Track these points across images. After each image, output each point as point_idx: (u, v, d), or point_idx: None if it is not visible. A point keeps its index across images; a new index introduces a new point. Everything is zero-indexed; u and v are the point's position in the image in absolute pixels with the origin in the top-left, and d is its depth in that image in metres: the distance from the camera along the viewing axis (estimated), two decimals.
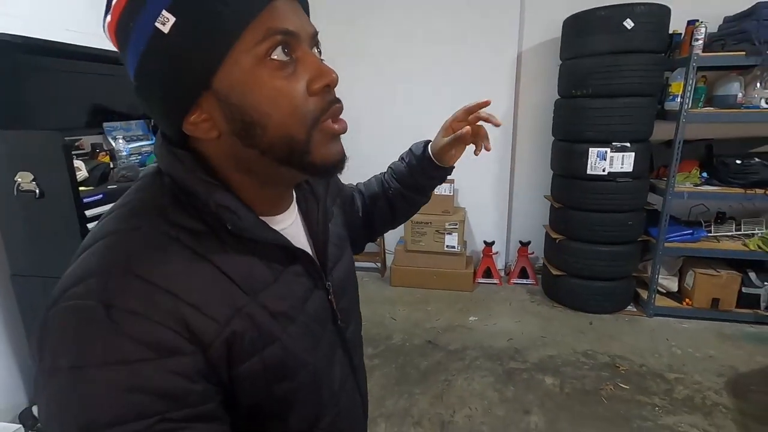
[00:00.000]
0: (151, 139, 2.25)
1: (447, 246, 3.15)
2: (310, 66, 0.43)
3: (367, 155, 3.35)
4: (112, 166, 1.93)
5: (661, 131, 2.68)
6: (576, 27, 2.59)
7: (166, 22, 0.37)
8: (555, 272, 2.93)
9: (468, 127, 0.75)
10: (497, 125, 0.76)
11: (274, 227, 0.48)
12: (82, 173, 1.68)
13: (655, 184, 2.77)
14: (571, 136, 2.72)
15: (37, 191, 1.47)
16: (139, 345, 0.36)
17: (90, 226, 1.55)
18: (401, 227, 3.22)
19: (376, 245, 3.55)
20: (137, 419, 0.36)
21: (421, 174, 0.80)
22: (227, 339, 0.41)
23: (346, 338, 0.60)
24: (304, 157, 0.44)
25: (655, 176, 2.88)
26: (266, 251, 0.47)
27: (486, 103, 0.76)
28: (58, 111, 1.82)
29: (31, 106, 1.67)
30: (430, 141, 0.81)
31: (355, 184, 0.87)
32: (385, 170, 0.85)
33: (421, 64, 3.20)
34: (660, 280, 2.80)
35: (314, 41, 0.46)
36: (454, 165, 0.82)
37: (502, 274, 3.47)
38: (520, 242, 3.34)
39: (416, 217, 3.15)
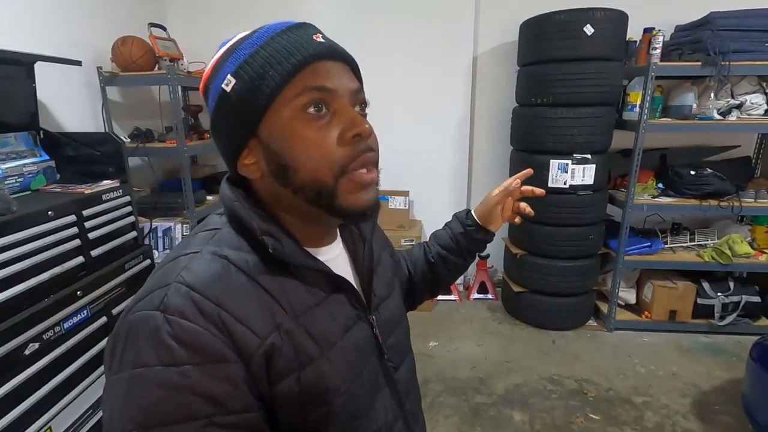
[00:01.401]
0: (40, 156, 1.82)
1: None
2: (344, 118, 0.49)
3: None
4: None
5: (617, 140, 2.61)
6: (534, 31, 2.44)
7: (229, 83, 0.48)
8: (516, 288, 2.79)
9: (519, 181, 0.82)
10: (541, 195, 0.84)
11: (319, 257, 0.53)
12: None
13: (613, 195, 2.70)
14: (530, 146, 2.58)
15: None
16: (189, 350, 0.41)
17: None
18: None
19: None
20: (187, 420, 0.40)
21: (463, 236, 0.84)
22: (266, 352, 0.45)
23: (394, 378, 0.61)
24: (332, 200, 0.50)
25: (611, 187, 2.81)
26: (310, 277, 0.51)
27: (529, 173, 0.85)
28: None
29: None
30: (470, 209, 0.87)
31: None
32: (429, 238, 0.90)
33: (372, 67, 2.93)
34: (619, 293, 2.74)
35: (356, 97, 0.51)
36: (495, 232, 0.87)
37: (461, 289, 3.30)
38: (479, 256, 3.17)
39: None
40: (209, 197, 2.65)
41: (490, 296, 3.18)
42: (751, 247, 2.59)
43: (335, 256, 0.57)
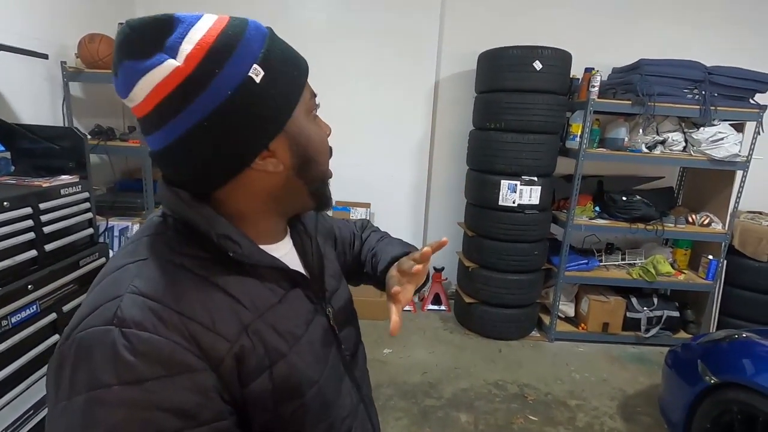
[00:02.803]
0: (1, 149, 1.77)
1: None
2: (320, 120, 0.55)
3: None
4: None
5: (561, 166, 2.87)
6: (490, 62, 2.67)
7: (258, 73, 0.44)
8: (467, 300, 2.95)
9: (419, 266, 0.65)
10: (444, 244, 0.68)
11: (272, 254, 0.52)
12: None
13: (556, 215, 2.95)
14: (484, 167, 2.78)
15: None
16: (152, 363, 0.38)
17: None
18: None
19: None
20: None
21: (369, 272, 0.80)
22: (236, 355, 0.43)
23: (352, 368, 0.62)
24: (326, 189, 0.56)
25: (555, 208, 3.07)
26: (268, 275, 0.51)
27: (444, 243, 0.68)
28: None
29: None
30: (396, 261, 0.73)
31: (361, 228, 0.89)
32: (383, 238, 0.85)
33: (339, 81, 3.06)
34: (560, 306, 2.97)
35: None
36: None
37: (416, 300, 3.43)
38: (434, 268, 3.33)
39: None
40: None
41: (443, 307, 3.32)
42: (672, 267, 2.91)
43: (287, 252, 0.58)
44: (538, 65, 2.48)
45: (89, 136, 2.31)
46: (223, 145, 0.45)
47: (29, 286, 1.54)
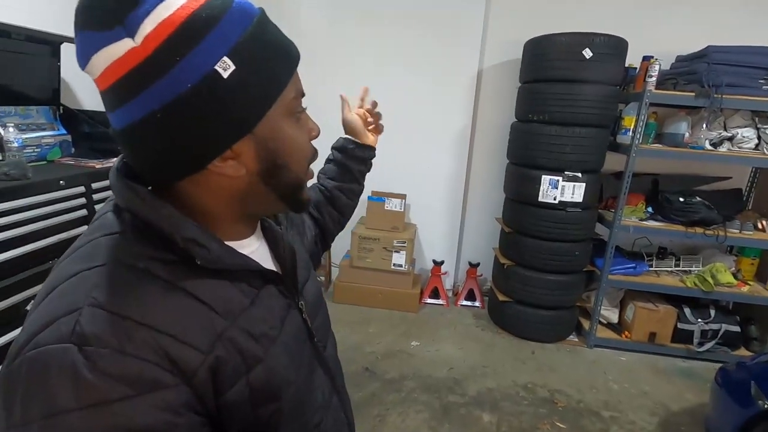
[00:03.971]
0: (58, 130, 1.94)
1: (394, 264, 3.00)
2: (306, 120, 0.51)
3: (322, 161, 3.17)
4: None
5: (611, 162, 2.68)
6: (536, 51, 2.53)
7: (227, 68, 0.39)
8: (501, 298, 2.86)
9: (342, 94, 0.95)
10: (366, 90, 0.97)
11: (241, 251, 0.49)
12: None
13: (602, 215, 2.77)
14: (524, 161, 2.66)
15: None
16: (118, 382, 0.35)
17: None
18: (347, 241, 3.04)
19: (322, 257, 3.35)
20: None
21: (349, 160, 0.90)
22: (211, 366, 0.41)
23: (324, 358, 0.61)
24: (299, 194, 0.52)
25: (603, 207, 2.88)
26: (238, 275, 0.48)
27: (366, 89, 0.97)
28: None
29: None
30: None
31: None
32: (317, 179, 0.92)
33: (379, 70, 3.04)
34: (602, 311, 2.80)
35: None
36: (375, 146, 0.95)
37: (450, 294, 3.38)
38: (470, 263, 3.26)
39: (364, 232, 3.00)
40: None
41: (477, 304, 3.25)
42: (735, 278, 2.64)
43: (257, 248, 0.55)
44: (587, 53, 2.32)
45: None
46: (177, 141, 0.40)
47: None
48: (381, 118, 0.93)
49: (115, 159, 1.98)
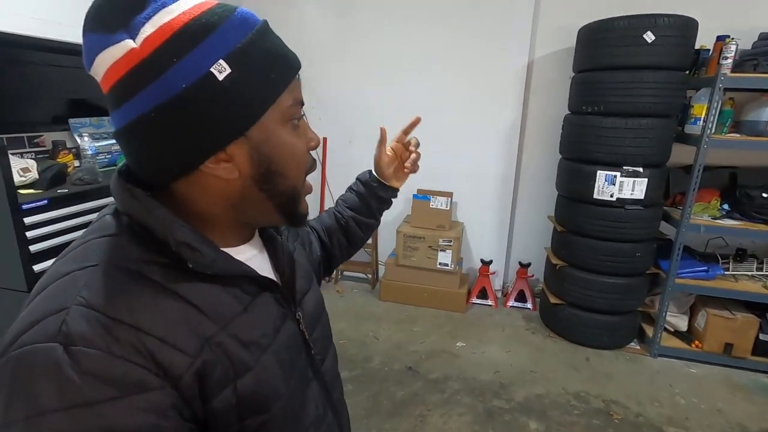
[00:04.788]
0: None
1: (440, 263, 2.96)
2: (305, 129, 0.51)
3: (363, 163, 3.21)
4: (74, 166, 1.81)
5: (681, 154, 2.45)
6: (591, 37, 2.36)
7: (223, 70, 0.40)
8: (553, 300, 2.72)
9: (383, 128, 0.85)
10: (417, 122, 0.85)
11: (237, 257, 0.48)
12: (31, 175, 1.57)
13: (669, 212, 2.53)
14: (578, 155, 2.51)
15: None
16: (104, 383, 0.35)
17: (31, 234, 1.43)
18: (394, 239, 3.05)
19: (368, 255, 3.40)
20: None
21: (370, 196, 0.88)
22: (198, 371, 0.40)
23: (321, 372, 0.59)
24: (295, 206, 0.52)
25: (670, 203, 2.64)
26: (232, 281, 0.47)
27: (417, 120, 0.85)
28: (21, 106, 1.72)
29: None
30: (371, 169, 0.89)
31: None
32: (335, 204, 0.92)
33: (423, 68, 3.01)
34: (668, 318, 2.56)
35: None
36: (399, 188, 0.90)
37: (499, 295, 3.27)
38: (520, 263, 3.13)
39: (409, 230, 2.99)
40: None
41: (527, 305, 3.12)
42: None
43: (254, 255, 0.54)
44: (649, 37, 2.13)
45: None
46: (170, 141, 0.41)
47: None
48: (419, 158, 0.86)
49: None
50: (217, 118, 0.41)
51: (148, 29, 0.39)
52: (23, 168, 1.53)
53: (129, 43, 0.39)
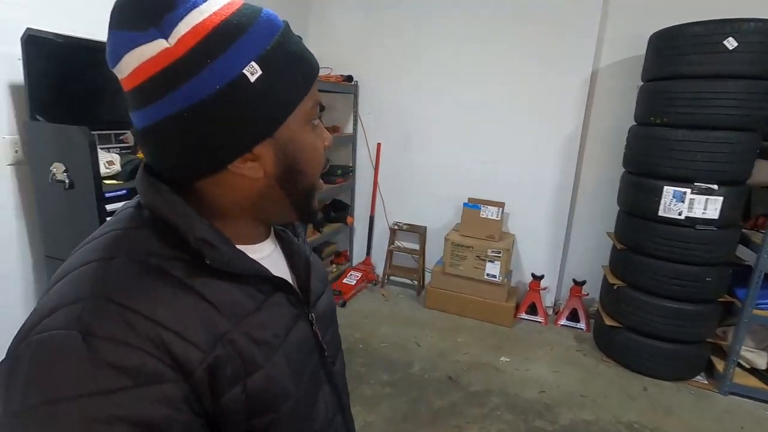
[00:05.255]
0: None
1: (487, 274, 2.90)
2: (322, 129, 0.52)
3: (416, 169, 3.23)
4: None
5: (765, 173, 2.22)
6: (663, 45, 2.22)
7: (254, 72, 0.41)
8: (609, 322, 2.56)
9: None
10: None
11: (252, 256, 0.49)
12: (115, 167, 1.76)
13: (748, 235, 2.30)
14: (643, 169, 2.35)
15: (67, 182, 1.55)
16: (119, 373, 0.36)
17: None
18: (441, 246, 3.04)
19: (415, 261, 3.40)
20: None
21: None
22: (210, 365, 0.41)
23: (332, 374, 0.60)
24: (310, 203, 0.53)
25: (750, 226, 2.39)
26: (247, 279, 0.48)
27: None
28: (110, 106, 1.93)
29: (79, 100, 1.77)
30: None
31: None
32: None
33: (480, 75, 2.98)
34: (743, 353, 2.31)
35: None
36: None
37: (550, 312, 3.13)
38: (574, 280, 2.98)
39: (457, 239, 2.96)
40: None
41: (580, 325, 2.95)
42: None
43: (269, 254, 0.55)
44: (731, 43, 1.96)
45: None
46: (201, 141, 0.42)
47: None
48: None
49: None
50: (248, 119, 0.42)
51: (182, 29, 0.39)
52: (108, 161, 1.72)
53: (162, 43, 0.39)
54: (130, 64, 0.40)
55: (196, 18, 0.40)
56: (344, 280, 3.35)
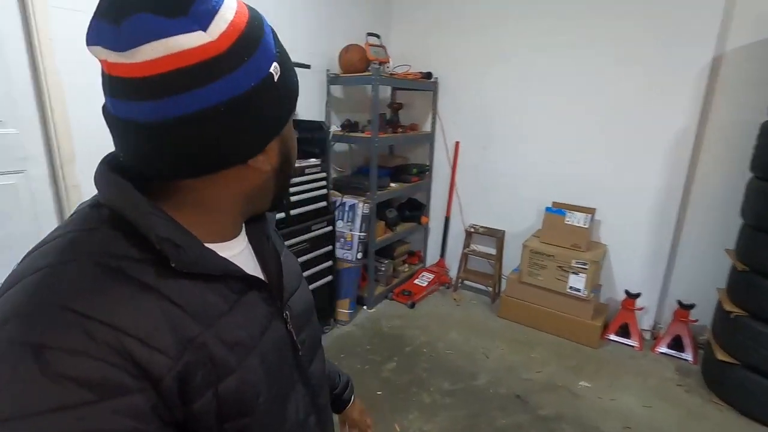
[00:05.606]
0: None
1: (570, 287, 2.62)
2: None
3: (495, 169, 3.06)
4: None
5: None
6: None
7: (276, 71, 0.43)
8: (722, 356, 2.14)
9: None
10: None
11: (223, 254, 0.47)
12: None
13: None
14: None
15: None
16: (80, 387, 0.33)
17: None
18: (519, 253, 2.82)
19: (490, 266, 3.22)
20: None
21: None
22: (179, 372, 0.39)
23: (307, 373, 0.58)
24: (286, 192, 0.56)
25: None
26: (218, 279, 0.46)
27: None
28: None
29: None
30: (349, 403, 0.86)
31: None
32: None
33: (570, 66, 2.70)
34: None
35: None
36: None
37: (647, 337, 2.73)
38: (680, 303, 2.56)
39: (537, 246, 2.73)
40: (393, 184, 3.03)
41: (685, 356, 2.53)
42: None
43: (240, 251, 0.53)
44: None
45: (340, 129, 2.89)
46: (228, 136, 0.41)
47: None
48: None
49: (312, 159, 2.40)
50: (271, 116, 0.45)
51: (221, 24, 0.38)
52: None
53: (203, 36, 0.37)
54: (155, 53, 0.36)
55: (228, 15, 0.40)
56: (415, 281, 3.30)
